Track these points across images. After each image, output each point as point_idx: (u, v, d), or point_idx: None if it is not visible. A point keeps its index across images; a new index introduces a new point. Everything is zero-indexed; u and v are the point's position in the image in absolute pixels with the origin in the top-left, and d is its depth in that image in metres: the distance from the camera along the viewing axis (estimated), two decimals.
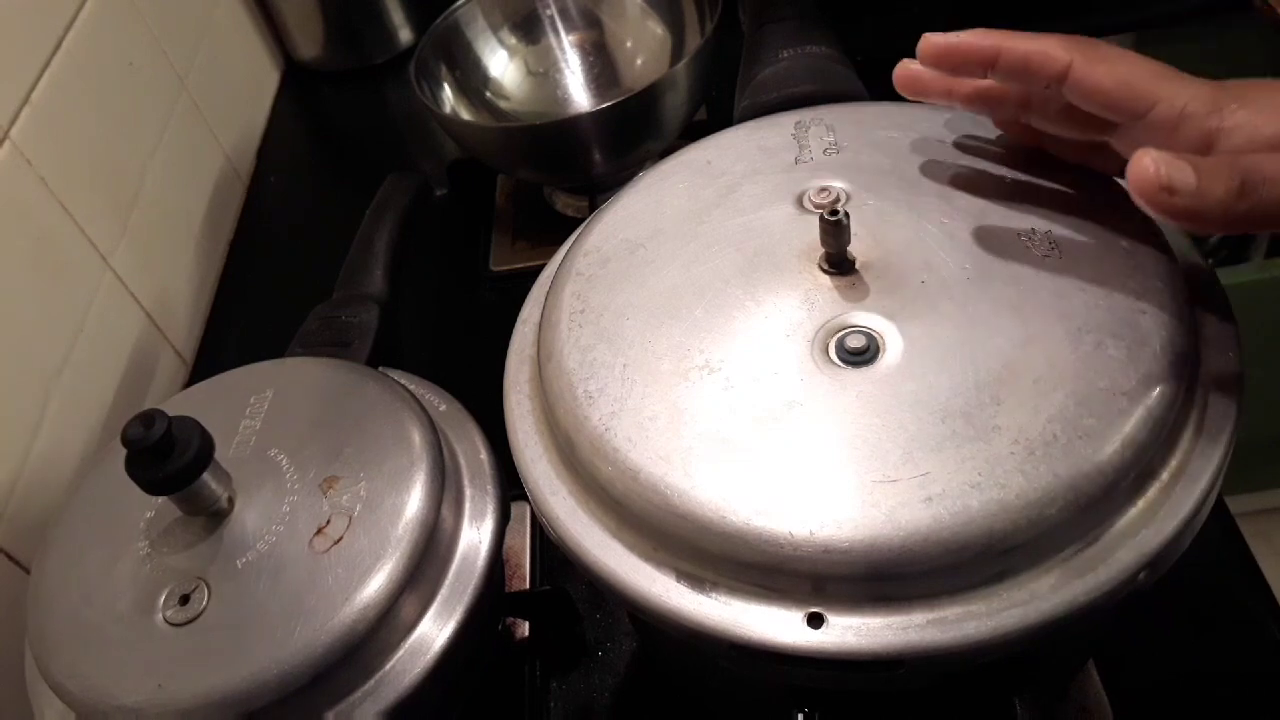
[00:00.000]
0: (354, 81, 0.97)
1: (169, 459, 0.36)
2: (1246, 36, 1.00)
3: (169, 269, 0.74)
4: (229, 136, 0.87)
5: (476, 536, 0.41)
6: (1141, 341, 0.31)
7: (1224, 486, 0.32)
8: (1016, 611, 0.28)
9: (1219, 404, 0.32)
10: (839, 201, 0.38)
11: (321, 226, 0.80)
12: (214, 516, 0.39)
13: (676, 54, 0.78)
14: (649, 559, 0.32)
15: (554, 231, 0.75)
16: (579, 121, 0.68)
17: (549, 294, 0.39)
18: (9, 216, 0.56)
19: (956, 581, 0.29)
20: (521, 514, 0.56)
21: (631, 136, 0.68)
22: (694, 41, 0.75)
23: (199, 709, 0.35)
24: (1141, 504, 0.30)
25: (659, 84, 0.65)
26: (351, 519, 0.39)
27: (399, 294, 0.56)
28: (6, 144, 0.57)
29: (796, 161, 0.40)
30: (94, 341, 0.62)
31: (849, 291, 0.35)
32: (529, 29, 0.82)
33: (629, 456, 0.32)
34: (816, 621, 0.29)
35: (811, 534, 0.29)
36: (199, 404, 0.44)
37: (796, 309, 0.35)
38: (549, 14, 0.81)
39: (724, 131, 0.44)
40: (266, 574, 0.38)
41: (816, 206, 0.38)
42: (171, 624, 0.37)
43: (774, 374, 0.33)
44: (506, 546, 0.48)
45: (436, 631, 0.39)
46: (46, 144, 0.60)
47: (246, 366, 0.47)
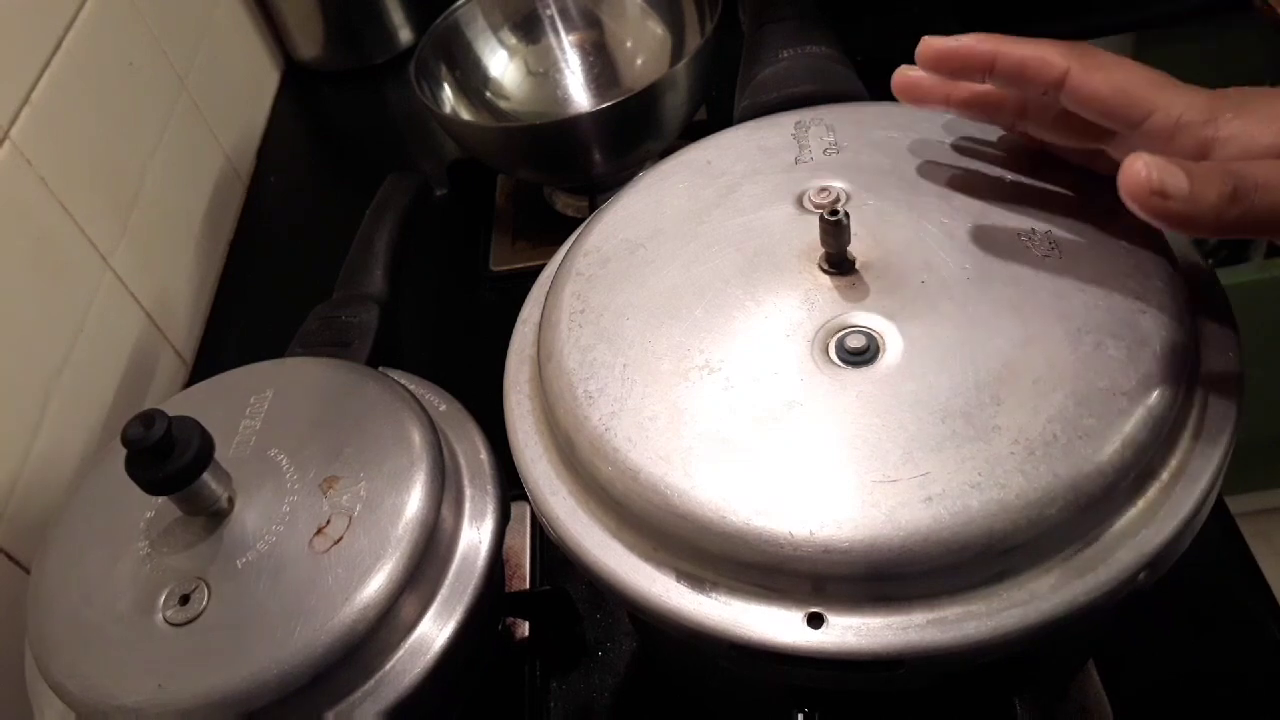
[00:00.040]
0: (354, 81, 0.97)
1: (169, 459, 0.36)
2: (1246, 36, 1.00)
3: (169, 269, 0.74)
4: (229, 136, 0.87)
5: (476, 536, 0.41)
6: (1141, 342, 0.31)
7: (1224, 486, 0.32)
8: (1016, 611, 0.28)
9: (1219, 404, 0.32)
10: (839, 201, 0.38)
11: (321, 226, 0.80)
12: (214, 516, 0.39)
13: (676, 54, 0.78)
14: (649, 559, 0.32)
15: (554, 231, 0.75)
16: (579, 121, 0.68)
17: (549, 294, 0.39)
18: (9, 216, 0.56)
19: (956, 581, 0.29)
20: (521, 514, 0.56)
21: (631, 136, 0.68)
22: (694, 41, 0.75)
23: (199, 709, 0.35)
24: (1141, 504, 0.30)
25: (659, 84, 0.65)
26: (351, 519, 0.39)
27: (399, 294, 0.56)
28: (6, 144, 0.57)
29: (796, 161, 0.40)
30: (94, 341, 0.62)
31: (849, 291, 0.35)
32: (529, 29, 0.82)
33: (629, 456, 0.32)
34: (816, 621, 0.29)
35: (811, 534, 0.29)
36: (199, 404, 0.44)
37: (796, 309, 0.35)
38: (549, 14, 0.81)
39: (724, 131, 0.44)
40: (266, 574, 0.38)
41: (816, 206, 0.38)
42: (171, 624, 0.37)
43: (774, 374, 0.33)
44: (506, 546, 0.48)
45: (436, 631, 0.39)
46: (46, 144, 0.60)
47: (246, 366, 0.47)
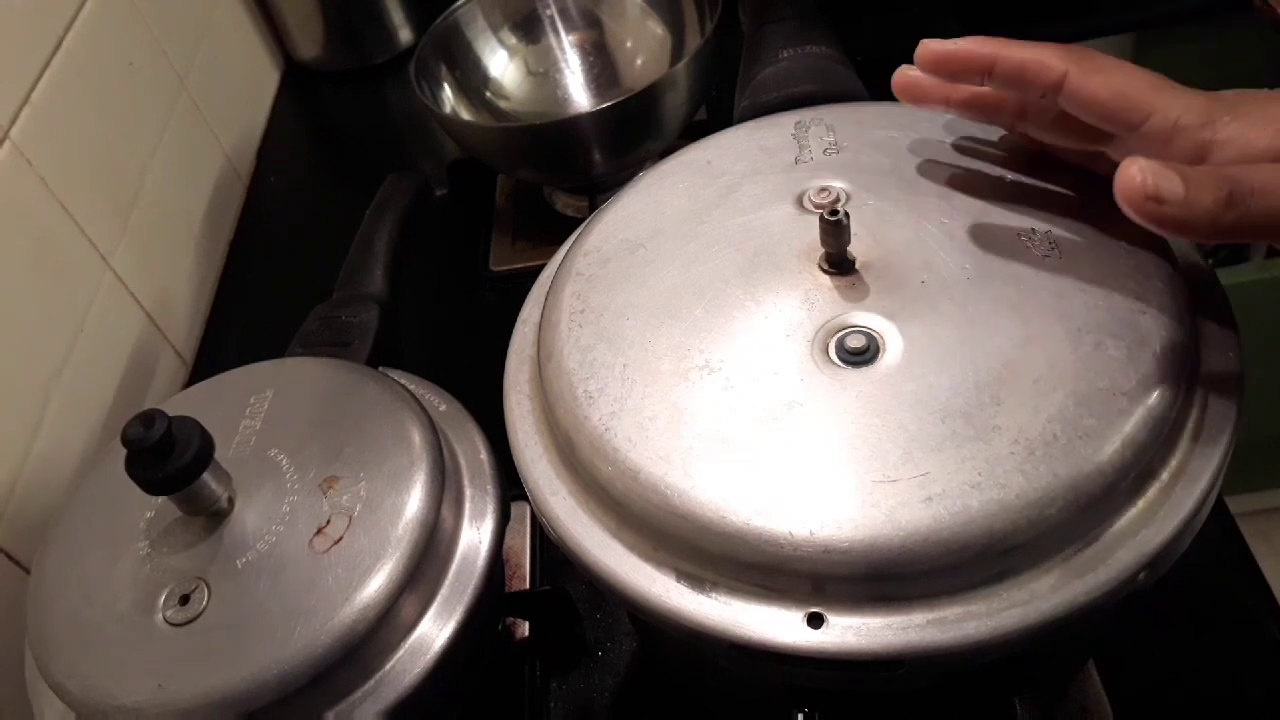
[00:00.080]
0: (354, 81, 0.97)
1: (169, 459, 0.36)
2: (1246, 36, 1.00)
3: (169, 269, 0.74)
4: (229, 136, 0.87)
5: (476, 536, 0.41)
6: (1141, 342, 0.31)
7: (1224, 486, 0.32)
8: (1016, 611, 0.28)
9: (1219, 404, 0.32)
10: (839, 201, 0.38)
11: (321, 226, 0.80)
12: (214, 516, 0.39)
13: (676, 54, 0.78)
14: (649, 559, 0.32)
15: (554, 231, 0.75)
16: (579, 121, 0.68)
17: (549, 294, 0.39)
18: (9, 216, 0.56)
19: (956, 581, 0.29)
20: (521, 514, 0.56)
21: (631, 136, 0.68)
22: (694, 41, 0.75)
23: (199, 709, 0.35)
24: (1141, 504, 0.30)
25: (659, 84, 0.65)
26: (351, 519, 0.39)
27: (399, 294, 0.56)
28: (6, 144, 0.57)
29: (796, 161, 0.40)
30: (94, 341, 0.62)
31: (849, 291, 0.35)
32: (529, 29, 0.82)
33: (629, 456, 0.32)
34: (816, 621, 0.29)
35: (811, 534, 0.29)
36: (199, 404, 0.44)
37: (796, 309, 0.35)
38: (549, 14, 0.81)
39: (724, 131, 0.44)
40: (266, 574, 0.38)
41: (816, 206, 0.38)
42: (171, 624, 0.37)
43: (774, 374, 0.33)
44: (506, 546, 0.48)
45: (436, 631, 0.39)
46: (46, 144, 0.60)
47: (246, 366, 0.47)
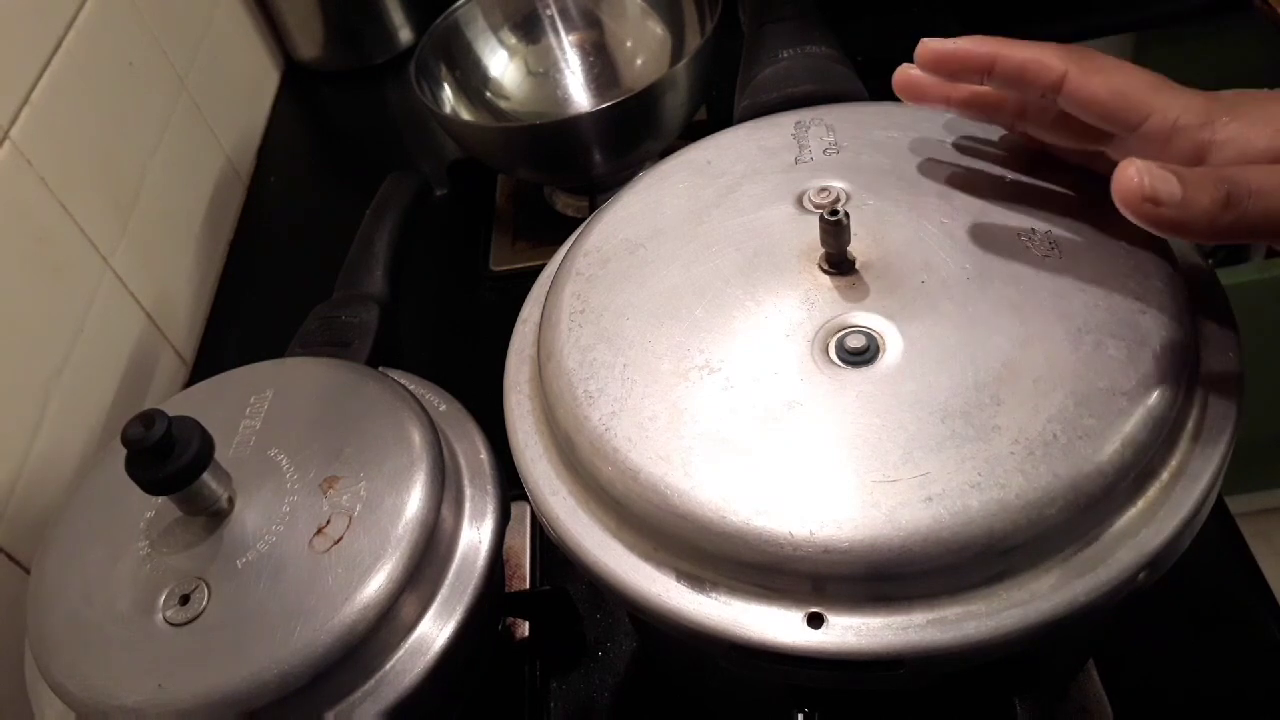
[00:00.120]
0: (354, 81, 0.97)
1: (169, 459, 0.36)
2: (1246, 36, 1.00)
3: (169, 269, 0.74)
4: (229, 136, 0.87)
5: (476, 536, 0.41)
6: (1141, 342, 0.31)
7: (1224, 486, 0.32)
8: (1016, 611, 0.28)
9: (1219, 404, 0.32)
10: (839, 201, 0.38)
11: (321, 226, 0.80)
12: (214, 516, 0.39)
13: (676, 54, 0.78)
14: (649, 559, 0.32)
15: (554, 231, 0.75)
16: (579, 121, 0.68)
17: (549, 294, 0.39)
18: (9, 216, 0.56)
19: (956, 581, 0.29)
20: (521, 514, 0.56)
21: (631, 136, 0.68)
22: (694, 41, 0.75)
23: (199, 709, 0.35)
24: (1141, 504, 0.30)
25: (659, 84, 0.65)
26: (351, 519, 0.39)
27: (399, 294, 0.56)
28: (6, 144, 0.57)
29: (796, 161, 0.40)
30: (94, 341, 0.62)
31: (849, 291, 0.35)
32: (529, 29, 0.82)
33: (629, 456, 0.32)
34: (816, 621, 0.29)
35: (811, 534, 0.29)
36: (199, 404, 0.44)
37: (796, 309, 0.35)
38: (549, 14, 0.81)
39: (724, 131, 0.44)
40: (266, 574, 0.38)
41: (816, 206, 0.38)
42: (171, 624, 0.37)
43: (774, 374, 0.33)
44: (506, 546, 0.48)
45: (436, 631, 0.39)
46: (46, 144, 0.60)
47: (246, 366, 0.47)
